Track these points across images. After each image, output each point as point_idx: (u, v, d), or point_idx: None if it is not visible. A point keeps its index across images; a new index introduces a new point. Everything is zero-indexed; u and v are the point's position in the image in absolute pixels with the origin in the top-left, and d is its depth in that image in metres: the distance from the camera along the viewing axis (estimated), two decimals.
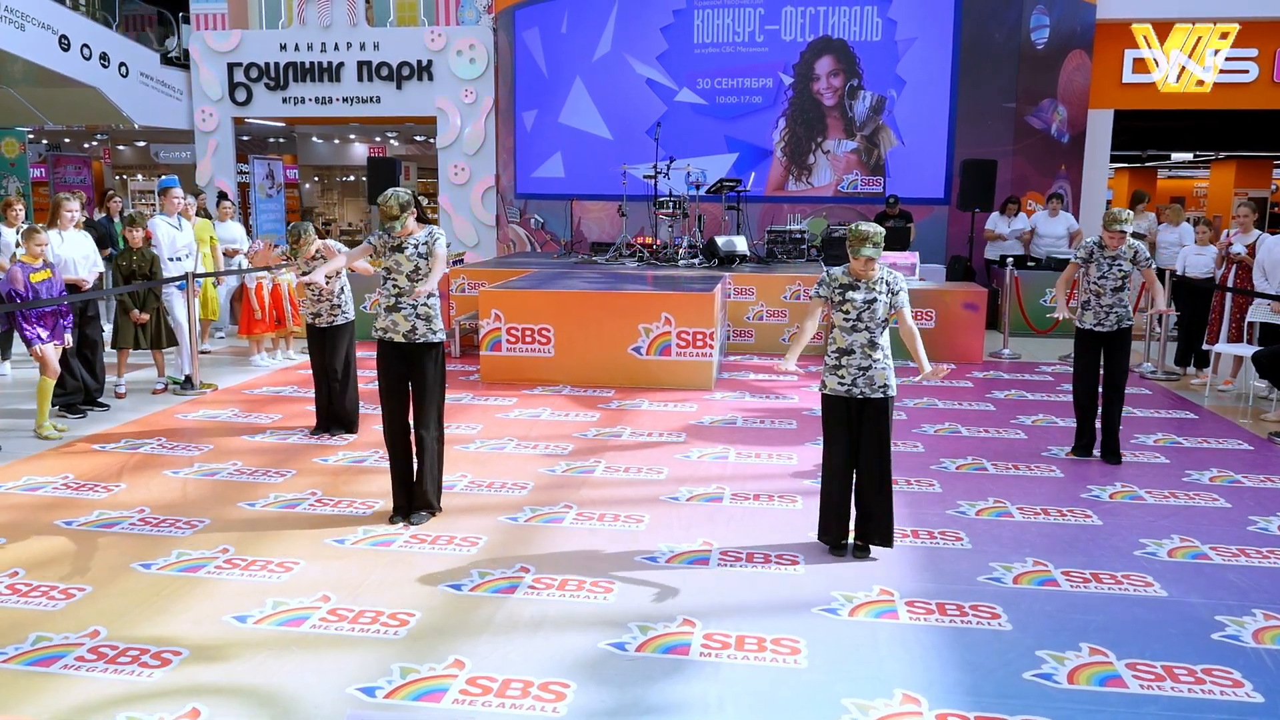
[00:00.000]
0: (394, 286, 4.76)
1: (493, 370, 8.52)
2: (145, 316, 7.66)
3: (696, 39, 13.51)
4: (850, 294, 4.35)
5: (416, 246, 4.78)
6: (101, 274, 7.74)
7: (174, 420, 7.14)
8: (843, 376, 4.37)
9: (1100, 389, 6.15)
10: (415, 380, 4.84)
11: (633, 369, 8.34)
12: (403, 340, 4.78)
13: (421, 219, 4.90)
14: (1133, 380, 8.14)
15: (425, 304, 4.78)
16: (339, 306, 6.51)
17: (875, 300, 4.32)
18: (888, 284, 4.37)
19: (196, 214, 9.98)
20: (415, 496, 4.94)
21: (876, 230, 4.30)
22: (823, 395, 4.49)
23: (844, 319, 4.36)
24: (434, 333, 4.81)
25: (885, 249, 4.61)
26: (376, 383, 4.95)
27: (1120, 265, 5.88)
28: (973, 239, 12.23)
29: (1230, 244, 8.45)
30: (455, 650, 3.58)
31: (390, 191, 4.74)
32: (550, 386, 8.28)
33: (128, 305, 7.59)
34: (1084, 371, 6.13)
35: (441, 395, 4.92)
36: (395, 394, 4.88)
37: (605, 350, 8.35)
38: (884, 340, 4.37)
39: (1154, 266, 5.99)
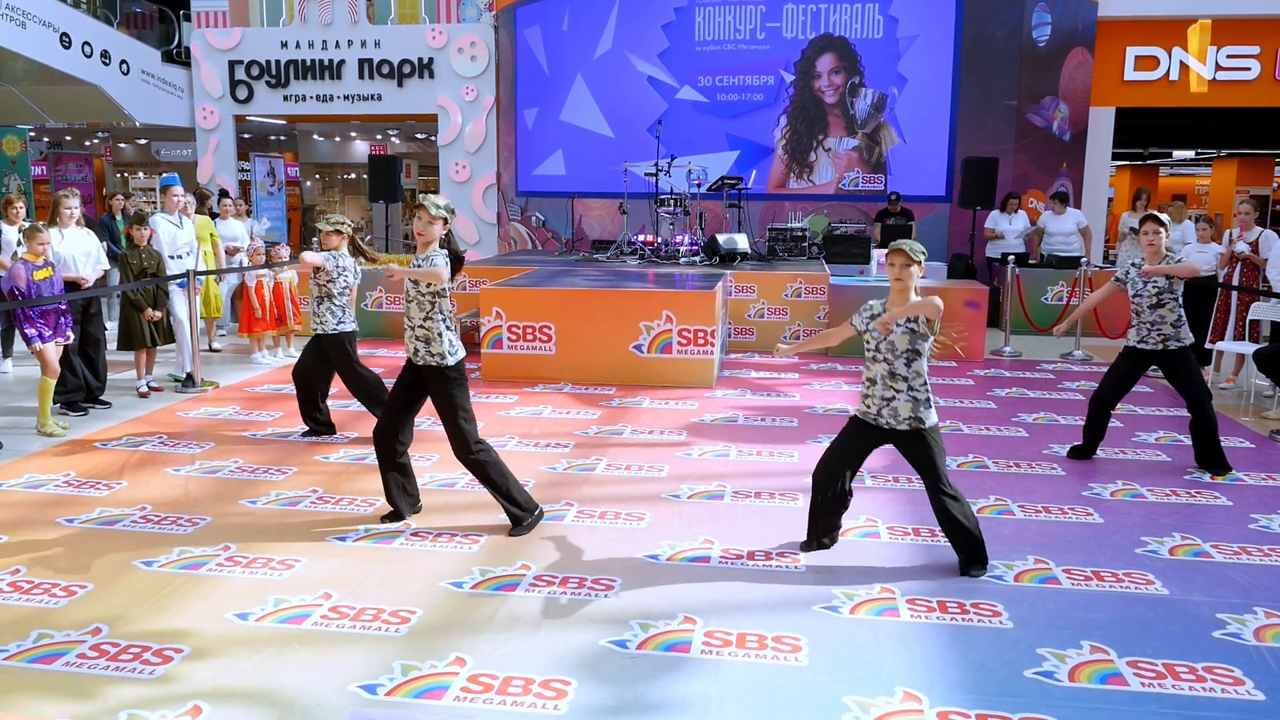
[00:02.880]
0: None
1: (494, 368, 8.52)
2: (159, 314, 7.66)
3: (698, 36, 13.51)
4: (873, 325, 4.27)
5: (416, 265, 4.70)
6: (106, 271, 7.73)
7: (175, 418, 7.14)
8: (869, 406, 4.33)
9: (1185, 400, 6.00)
10: (434, 404, 4.77)
11: (634, 367, 8.34)
12: (410, 360, 4.78)
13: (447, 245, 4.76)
14: None
15: (423, 326, 4.67)
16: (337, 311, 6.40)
17: (891, 334, 4.21)
18: (912, 318, 4.16)
19: (196, 211, 9.98)
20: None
21: (903, 245, 4.16)
22: (853, 415, 4.46)
23: (866, 349, 4.31)
24: (432, 356, 4.67)
25: (886, 247, 4.55)
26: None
27: (1154, 281, 5.75)
28: (974, 237, 12.23)
29: (1237, 242, 8.43)
30: (456, 648, 3.58)
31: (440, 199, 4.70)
32: (551, 384, 8.28)
33: (141, 304, 7.57)
34: (1111, 377, 6.04)
35: (458, 418, 4.71)
36: (395, 399, 4.85)
37: (606, 348, 8.35)
38: (908, 371, 4.20)
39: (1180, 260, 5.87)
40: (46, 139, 19.23)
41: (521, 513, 4.81)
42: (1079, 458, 6.18)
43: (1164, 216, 5.81)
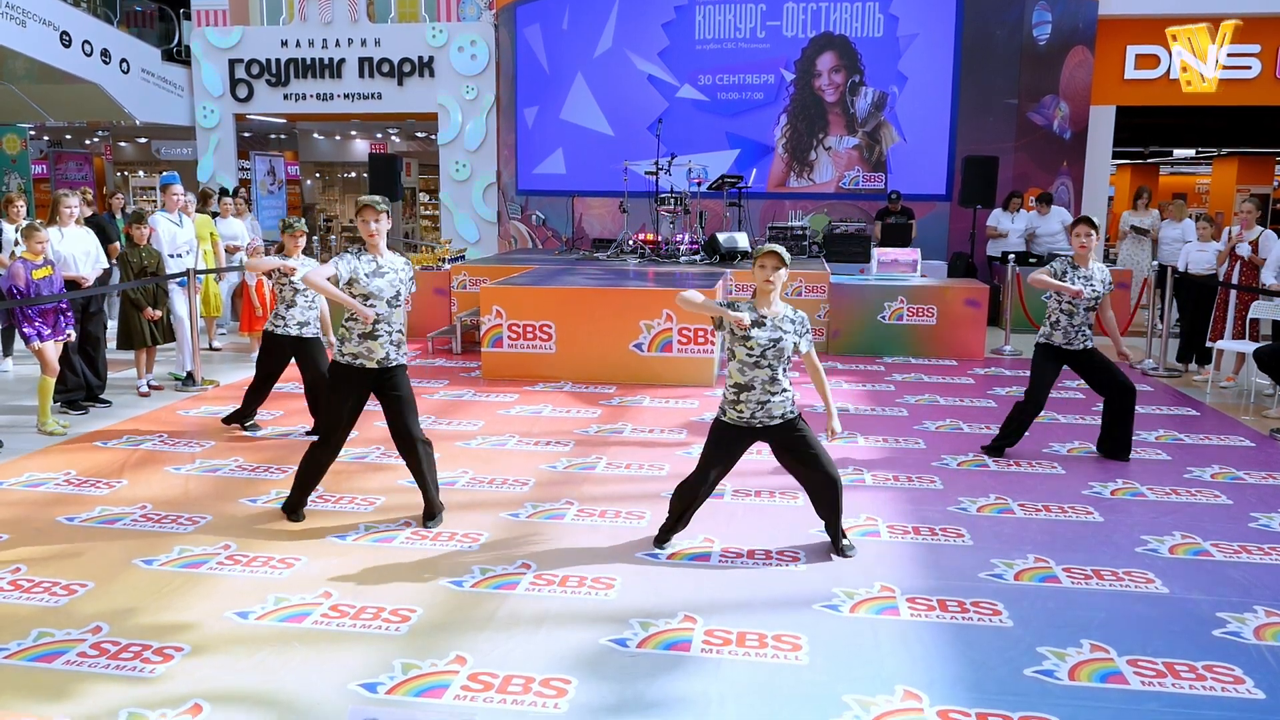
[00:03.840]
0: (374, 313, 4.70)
1: (494, 367, 8.52)
2: (159, 313, 7.66)
3: (698, 35, 13.51)
4: (755, 331, 4.19)
5: (397, 271, 4.72)
6: (106, 270, 7.73)
7: (175, 417, 7.14)
8: (741, 411, 4.31)
9: (1105, 393, 6.07)
10: (392, 398, 4.78)
11: (634, 365, 8.34)
12: (375, 366, 4.72)
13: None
14: (1134, 377, 8.15)
15: (399, 331, 4.77)
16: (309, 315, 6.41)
17: (780, 339, 4.20)
18: (793, 322, 4.24)
19: (197, 210, 9.96)
20: (427, 504, 4.91)
21: (776, 248, 4.16)
22: (717, 420, 4.44)
23: (747, 354, 4.21)
24: (402, 355, 4.81)
25: (888, 245, 4.58)
26: (329, 402, 4.84)
27: (1093, 285, 5.85)
28: (974, 235, 12.23)
29: (1237, 242, 8.43)
30: (457, 646, 3.58)
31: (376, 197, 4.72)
32: (552, 383, 8.28)
33: (141, 303, 7.56)
34: (1043, 388, 6.01)
35: (414, 407, 4.89)
36: (349, 419, 4.82)
37: (607, 347, 8.35)
38: (784, 377, 4.28)
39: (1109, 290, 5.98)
40: (47, 138, 19.22)
41: (439, 514, 4.92)
42: (996, 453, 6.18)
43: (1095, 220, 5.93)
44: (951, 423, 7.05)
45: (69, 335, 6.78)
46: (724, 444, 4.43)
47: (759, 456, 6.11)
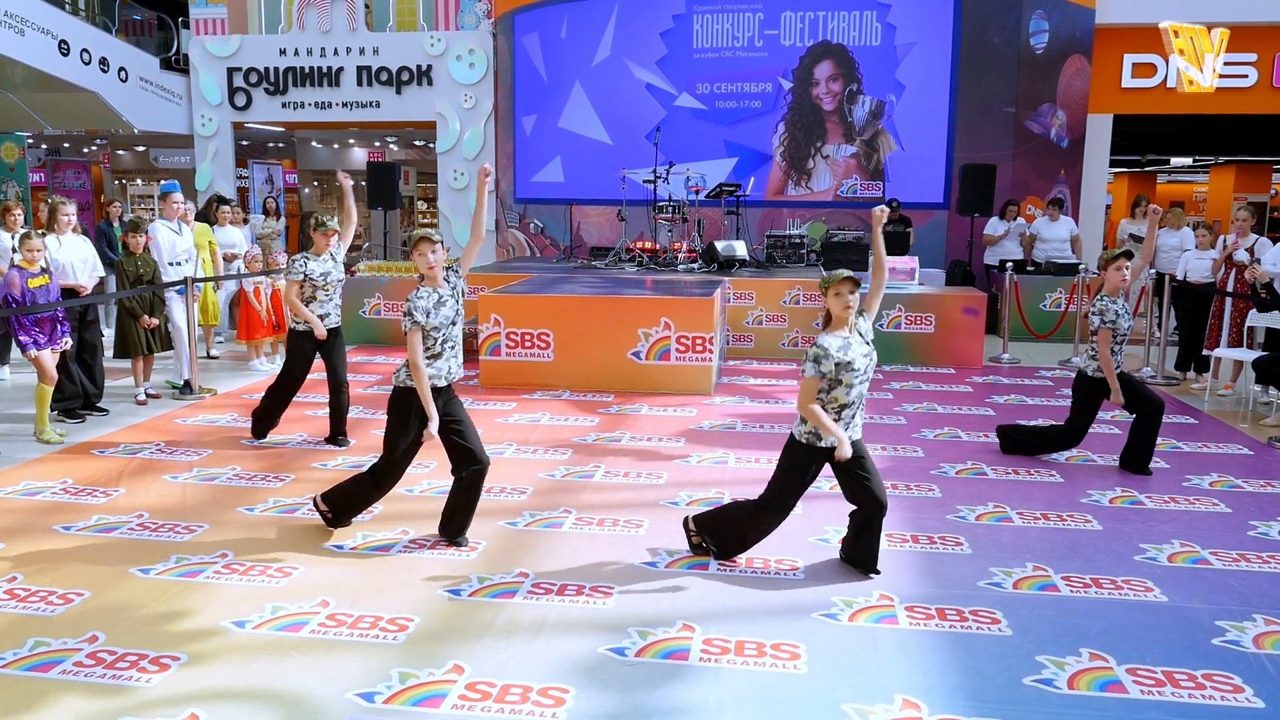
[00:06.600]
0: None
1: (492, 375, 8.51)
2: (156, 321, 7.65)
3: (696, 44, 13.54)
4: (850, 354, 4.08)
5: (454, 295, 4.61)
6: (103, 278, 7.73)
7: (173, 425, 7.13)
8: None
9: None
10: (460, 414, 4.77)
11: (632, 373, 8.33)
12: (443, 383, 4.64)
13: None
14: None
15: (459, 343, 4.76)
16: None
17: (870, 345, 4.17)
18: (859, 331, 4.19)
19: (190, 217, 9.96)
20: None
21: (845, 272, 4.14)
22: (813, 447, 4.21)
23: (855, 377, 4.09)
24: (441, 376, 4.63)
25: (886, 253, 4.54)
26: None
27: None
28: (972, 243, 12.24)
29: (1233, 250, 8.45)
30: (455, 655, 3.58)
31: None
32: (550, 391, 8.27)
33: (137, 312, 7.55)
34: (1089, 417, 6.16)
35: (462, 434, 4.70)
36: (414, 447, 4.68)
37: (605, 355, 8.35)
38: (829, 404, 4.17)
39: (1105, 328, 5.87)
40: (45, 146, 19.23)
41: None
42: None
43: (1133, 254, 5.89)
44: (950, 431, 7.05)
45: (65, 344, 6.77)
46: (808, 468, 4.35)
47: (755, 465, 6.13)
